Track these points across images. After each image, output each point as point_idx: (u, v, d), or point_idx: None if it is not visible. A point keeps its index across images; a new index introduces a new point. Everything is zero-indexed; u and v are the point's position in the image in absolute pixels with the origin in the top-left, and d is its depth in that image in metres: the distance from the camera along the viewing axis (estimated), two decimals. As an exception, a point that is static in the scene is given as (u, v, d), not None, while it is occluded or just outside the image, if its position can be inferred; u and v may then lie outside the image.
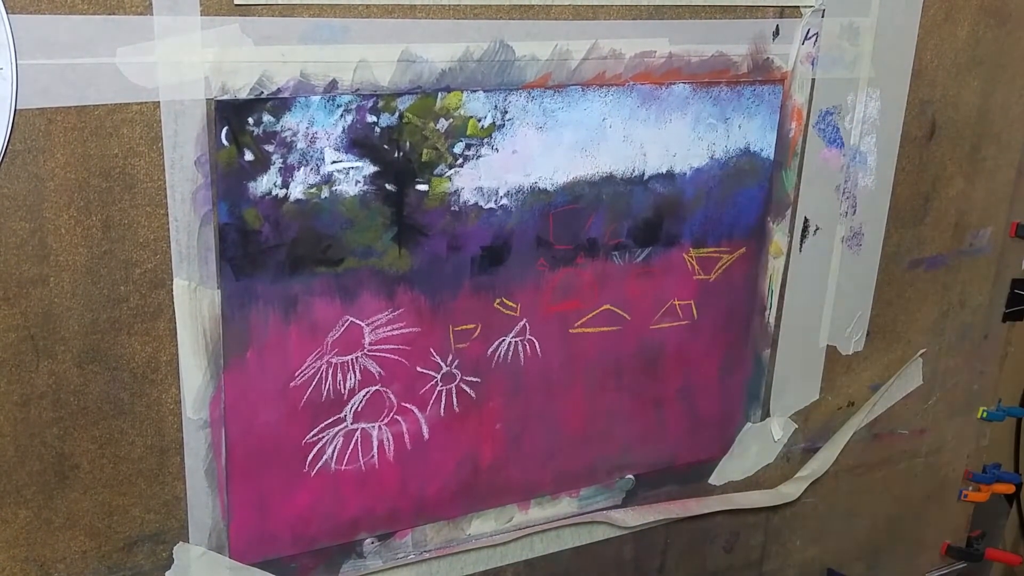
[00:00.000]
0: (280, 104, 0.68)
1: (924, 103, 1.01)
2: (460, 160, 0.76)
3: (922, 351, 1.13)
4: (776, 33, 0.88)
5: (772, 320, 0.99)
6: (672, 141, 0.85)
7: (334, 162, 0.72)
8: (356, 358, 0.78)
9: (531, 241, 0.82)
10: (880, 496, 1.16)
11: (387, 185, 0.74)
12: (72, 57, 0.62)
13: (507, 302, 0.83)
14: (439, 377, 0.82)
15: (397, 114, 0.73)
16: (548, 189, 0.81)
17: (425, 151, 0.75)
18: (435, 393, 0.82)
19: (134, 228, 0.67)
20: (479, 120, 0.76)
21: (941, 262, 1.11)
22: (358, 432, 0.80)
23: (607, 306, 0.88)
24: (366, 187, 0.73)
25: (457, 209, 0.77)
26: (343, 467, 0.80)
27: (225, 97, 0.67)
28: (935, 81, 1.00)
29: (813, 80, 0.92)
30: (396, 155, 0.74)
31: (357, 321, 0.76)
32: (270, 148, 0.69)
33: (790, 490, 1.07)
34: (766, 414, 1.03)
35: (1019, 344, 1.23)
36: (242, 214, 0.70)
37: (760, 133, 0.90)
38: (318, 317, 0.75)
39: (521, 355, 0.85)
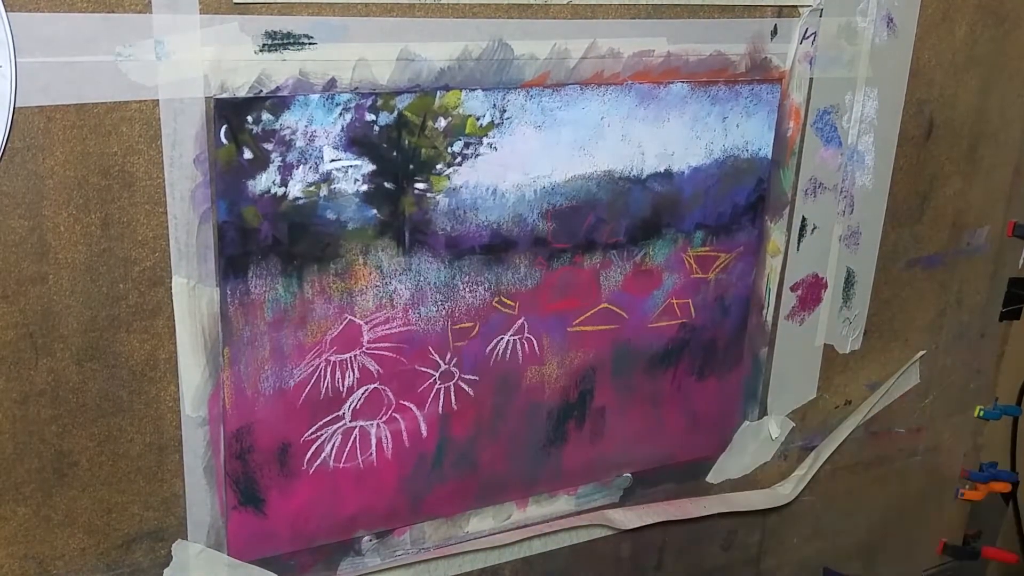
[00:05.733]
0: (279, 103, 0.68)
1: (922, 102, 1.01)
2: (459, 159, 0.76)
3: (922, 352, 1.13)
4: (774, 32, 0.88)
5: (770, 319, 0.99)
6: (670, 140, 0.85)
7: (333, 160, 0.72)
8: (355, 356, 0.78)
9: (529, 240, 0.82)
10: (877, 494, 1.16)
11: (386, 183, 0.74)
12: (71, 55, 0.62)
13: (506, 300, 0.83)
14: (437, 375, 0.82)
15: (396, 113, 0.73)
16: (546, 188, 0.81)
17: (424, 150, 0.75)
18: (433, 391, 0.82)
19: (133, 226, 0.67)
20: (478, 119, 0.76)
21: (938, 261, 1.11)
22: (356, 430, 0.80)
23: (605, 304, 0.88)
24: (365, 185, 0.73)
25: (456, 207, 0.77)
26: (341, 465, 0.80)
27: (224, 95, 0.67)
28: (933, 80, 1.00)
29: (811, 79, 0.92)
30: (395, 154, 0.74)
31: (356, 319, 0.77)
32: (269, 146, 0.69)
33: (786, 490, 1.07)
34: (763, 412, 1.03)
35: (1016, 343, 1.23)
36: (241, 212, 0.70)
37: (758, 132, 0.90)
38: (317, 315, 0.75)
39: (519, 353, 0.85)
